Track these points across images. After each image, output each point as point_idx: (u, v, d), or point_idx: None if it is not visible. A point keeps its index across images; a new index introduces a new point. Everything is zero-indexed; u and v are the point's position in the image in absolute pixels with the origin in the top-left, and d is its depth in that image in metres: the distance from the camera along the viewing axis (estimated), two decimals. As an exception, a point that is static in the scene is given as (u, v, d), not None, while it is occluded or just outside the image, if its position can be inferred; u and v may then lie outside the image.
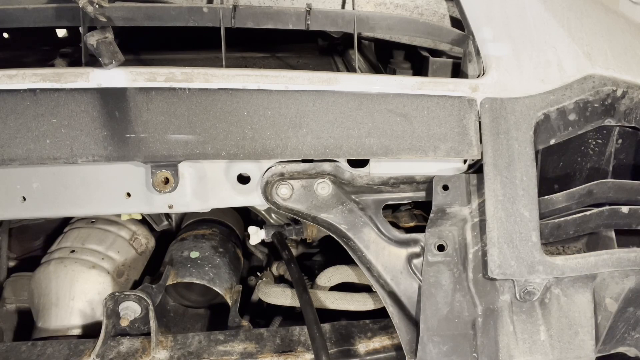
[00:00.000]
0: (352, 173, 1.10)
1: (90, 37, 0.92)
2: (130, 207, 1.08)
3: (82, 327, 1.32)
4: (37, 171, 1.02)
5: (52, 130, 0.95)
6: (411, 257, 1.15)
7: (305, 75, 1.00)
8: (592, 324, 1.15)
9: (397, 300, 1.15)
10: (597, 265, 1.12)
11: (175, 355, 1.18)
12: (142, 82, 0.96)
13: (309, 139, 1.01)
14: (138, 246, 1.51)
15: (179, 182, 1.03)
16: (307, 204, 1.09)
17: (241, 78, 0.98)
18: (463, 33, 1.12)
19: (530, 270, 1.07)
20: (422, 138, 1.04)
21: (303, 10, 1.04)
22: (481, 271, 1.12)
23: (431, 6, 1.25)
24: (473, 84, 1.06)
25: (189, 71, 0.97)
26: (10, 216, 1.23)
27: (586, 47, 1.13)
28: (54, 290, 1.32)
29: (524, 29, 1.12)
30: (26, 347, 1.18)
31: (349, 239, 1.12)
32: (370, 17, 1.08)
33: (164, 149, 0.98)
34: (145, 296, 1.18)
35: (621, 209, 1.18)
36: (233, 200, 1.10)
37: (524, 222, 1.05)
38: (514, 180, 1.05)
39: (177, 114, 0.97)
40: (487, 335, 1.12)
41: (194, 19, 1.01)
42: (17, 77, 0.94)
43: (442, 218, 1.12)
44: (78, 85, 0.95)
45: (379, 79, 1.04)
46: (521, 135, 1.06)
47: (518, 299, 1.12)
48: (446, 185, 1.09)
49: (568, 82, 1.09)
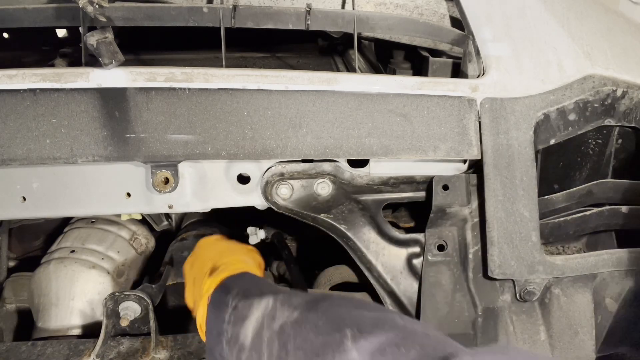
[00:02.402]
0: (352, 173, 1.10)
1: (90, 37, 0.92)
2: (130, 207, 1.08)
3: (82, 327, 1.31)
4: (37, 171, 1.02)
5: (52, 130, 0.95)
6: (411, 257, 1.15)
7: (305, 75, 1.00)
8: (592, 324, 1.15)
9: (397, 300, 1.15)
10: (597, 265, 1.13)
11: (175, 355, 1.18)
12: (142, 82, 0.96)
13: (309, 139, 1.01)
14: (138, 246, 1.51)
15: (179, 182, 1.03)
16: (307, 204, 1.09)
17: (241, 78, 0.98)
18: (463, 33, 1.12)
19: (530, 270, 1.07)
20: (422, 138, 1.04)
21: (303, 10, 1.04)
22: (481, 271, 1.12)
23: (431, 6, 1.25)
24: (473, 84, 1.06)
25: (189, 71, 0.97)
26: (10, 216, 1.23)
27: (586, 47, 1.13)
28: (54, 290, 1.32)
29: (524, 29, 1.12)
30: (26, 347, 1.18)
31: (349, 239, 1.12)
32: (370, 17, 1.08)
33: (164, 149, 0.98)
34: (145, 296, 1.18)
35: (621, 209, 1.18)
36: (233, 200, 1.09)
37: (524, 222, 1.05)
38: (514, 180, 1.05)
39: (177, 114, 0.97)
40: (487, 335, 1.12)
41: (194, 19, 1.01)
42: (17, 77, 0.94)
43: (442, 218, 1.12)
44: (78, 85, 0.95)
45: (379, 79, 1.04)
46: (521, 135, 1.06)
47: (518, 299, 1.12)
48: (446, 185, 1.09)
49: (568, 82, 1.09)
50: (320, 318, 0.68)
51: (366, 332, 0.62)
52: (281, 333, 0.69)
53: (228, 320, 0.78)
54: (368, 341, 0.61)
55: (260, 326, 0.72)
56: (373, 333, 0.61)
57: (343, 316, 0.67)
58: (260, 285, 0.84)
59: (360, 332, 0.62)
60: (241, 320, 0.76)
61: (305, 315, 0.69)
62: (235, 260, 0.95)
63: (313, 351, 0.64)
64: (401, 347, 0.58)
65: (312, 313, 0.70)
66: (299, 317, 0.70)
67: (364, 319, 0.65)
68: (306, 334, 0.66)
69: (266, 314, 0.73)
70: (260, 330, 0.72)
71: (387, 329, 0.62)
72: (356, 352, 0.60)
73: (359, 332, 0.62)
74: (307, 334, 0.66)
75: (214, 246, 1.03)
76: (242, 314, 0.76)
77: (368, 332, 0.62)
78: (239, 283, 0.85)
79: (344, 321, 0.65)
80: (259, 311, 0.74)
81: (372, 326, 0.63)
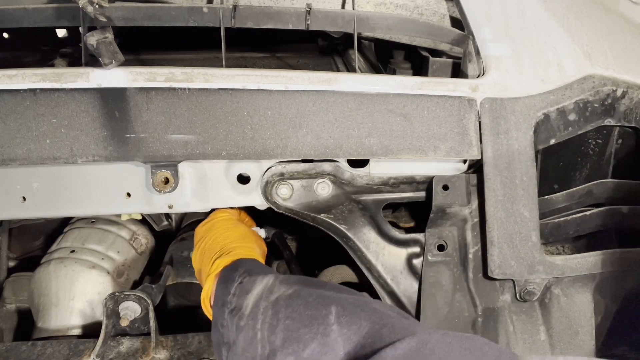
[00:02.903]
0: (352, 173, 1.10)
1: (90, 37, 0.92)
2: (130, 207, 1.08)
3: (82, 327, 1.31)
4: (37, 171, 1.02)
5: (52, 130, 0.95)
6: (411, 257, 1.15)
7: (305, 75, 1.00)
8: (592, 324, 1.15)
9: (397, 300, 1.15)
10: (597, 265, 1.13)
11: (175, 355, 1.18)
12: (142, 82, 0.96)
13: (309, 139, 1.01)
14: (138, 246, 1.51)
15: (179, 182, 1.03)
16: (307, 204, 1.09)
17: (241, 78, 0.98)
18: (463, 33, 1.12)
19: (530, 270, 1.07)
20: (422, 138, 1.04)
21: (303, 10, 1.04)
22: (481, 271, 1.12)
23: (431, 6, 1.25)
24: (473, 84, 1.06)
25: (189, 71, 0.97)
26: (10, 216, 1.23)
27: (586, 47, 1.13)
28: (54, 290, 1.32)
29: (524, 29, 1.12)
30: (26, 347, 1.18)
31: (349, 239, 1.12)
32: (370, 17, 1.08)
33: (164, 149, 0.98)
34: (145, 296, 1.18)
35: (621, 209, 1.18)
36: (233, 200, 1.09)
37: (524, 222, 1.05)
38: (514, 180, 1.05)
39: (177, 114, 0.97)
40: (487, 335, 1.12)
41: (194, 19, 1.01)
42: (17, 77, 0.94)
43: (442, 218, 1.12)
44: (78, 85, 0.95)
45: (379, 79, 1.04)
46: (521, 135, 1.06)
47: (518, 299, 1.12)
48: (446, 185, 1.09)
49: (568, 82, 1.09)
50: (311, 295, 0.78)
51: (348, 311, 0.72)
52: (275, 304, 0.79)
53: (233, 293, 0.88)
54: (348, 318, 0.71)
55: (259, 297, 0.83)
56: (354, 312, 0.72)
57: (331, 296, 0.77)
58: (265, 268, 0.97)
59: (344, 310, 0.73)
60: (245, 293, 0.86)
61: (298, 292, 0.80)
62: (245, 247, 1.06)
63: (301, 321, 0.74)
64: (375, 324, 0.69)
65: (304, 290, 0.80)
66: (293, 292, 0.80)
67: (348, 300, 0.76)
68: (297, 306, 0.77)
69: (266, 288, 0.84)
70: (258, 301, 0.82)
71: (366, 309, 0.73)
72: (337, 326, 0.70)
73: (342, 309, 0.73)
74: (297, 306, 0.77)
75: (230, 229, 1.13)
76: (246, 288, 0.87)
77: (350, 310, 0.72)
78: (246, 264, 0.97)
79: (331, 300, 0.76)
80: (261, 286, 0.85)
81: (353, 306, 0.73)
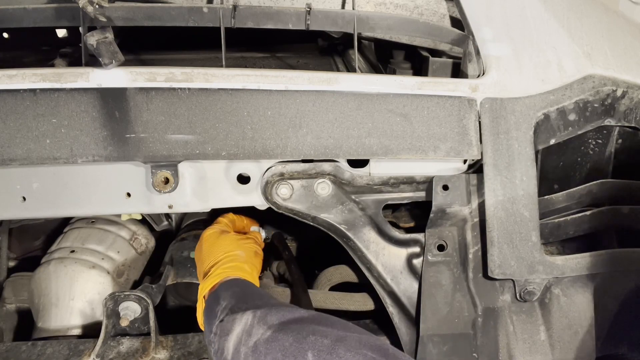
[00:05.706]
0: (352, 173, 1.10)
1: (90, 37, 0.92)
2: (130, 207, 1.08)
3: (82, 327, 1.31)
4: (37, 171, 1.02)
5: (52, 130, 0.95)
6: (411, 257, 1.15)
7: (305, 75, 1.00)
8: (592, 324, 1.15)
9: (397, 300, 1.15)
10: (597, 265, 1.13)
11: (175, 355, 1.18)
12: (142, 82, 0.96)
13: (309, 139, 1.01)
14: (138, 246, 1.51)
15: (179, 182, 1.03)
16: (307, 204, 1.09)
17: (241, 78, 0.98)
18: (463, 33, 1.12)
19: (530, 270, 1.07)
20: (422, 138, 1.04)
21: (303, 10, 1.04)
22: (481, 271, 1.12)
23: (431, 6, 1.25)
24: (473, 84, 1.06)
25: (189, 71, 0.97)
26: (10, 216, 1.23)
27: (586, 47, 1.13)
28: (54, 290, 1.32)
29: (524, 29, 1.12)
30: (26, 347, 1.18)
31: (349, 239, 1.12)
32: (370, 17, 1.08)
33: (164, 149, 0.98)
34: (145, 296, 1.18)
35: (621, 209, 1.18)
36: (233, 200, 1.09)
37: (524, 222, 1.05)
38: (514, 180, 1.05)
39: (177, 114, 0.97)
40: (487, 335, 1.12)
41: (194, 19, 1.01)
42: (17, 77, 0.94)
43: (442, 218, 1.12)
44: (78, 85, 0.95)
45: (379, 79, 1.04)
46: (521, 135, 1.06)
47: (518, 299, 1.12)
48: (446, 185, 1.09)
49: (568, 82, 1.09)
50: (287, 339, 0.80)
51: (323, 357, 0.75)
52: (255, 350, 0.81)
53: (215, 332, 0.90)
54: None
55: (239, 341, 0.85)
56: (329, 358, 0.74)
57: (308, 340, 0.78)
58: (246, 296, 0.96)
59: (319, 355, 0.75)
60: (225, 334, 0.88)
61: (275, 336, 0.81)
62: (227, 265, 1.07)
63: None
64: None
65: (281, 334, 0.81)
66: (270, 336, 0.82)
67: (324, 344, 0.77)
68: (275, 354, 0.79)
69: (244, 330, 0.85)
70: (238, 345, 0.84)
71: (340, 353, 0.75)
72: None
73: (318, 355, 0.75)
74: (276, 353, 0.79)
75: (213, 244, 1.15)
76: (227, 327, 0.88)
77: (324, 357, 0.75)
78: (228, 293, 0.97)
79: (308, 345, 0.77)
80: (240, 327, 0.86)
81: (329, 350, 0.76)
